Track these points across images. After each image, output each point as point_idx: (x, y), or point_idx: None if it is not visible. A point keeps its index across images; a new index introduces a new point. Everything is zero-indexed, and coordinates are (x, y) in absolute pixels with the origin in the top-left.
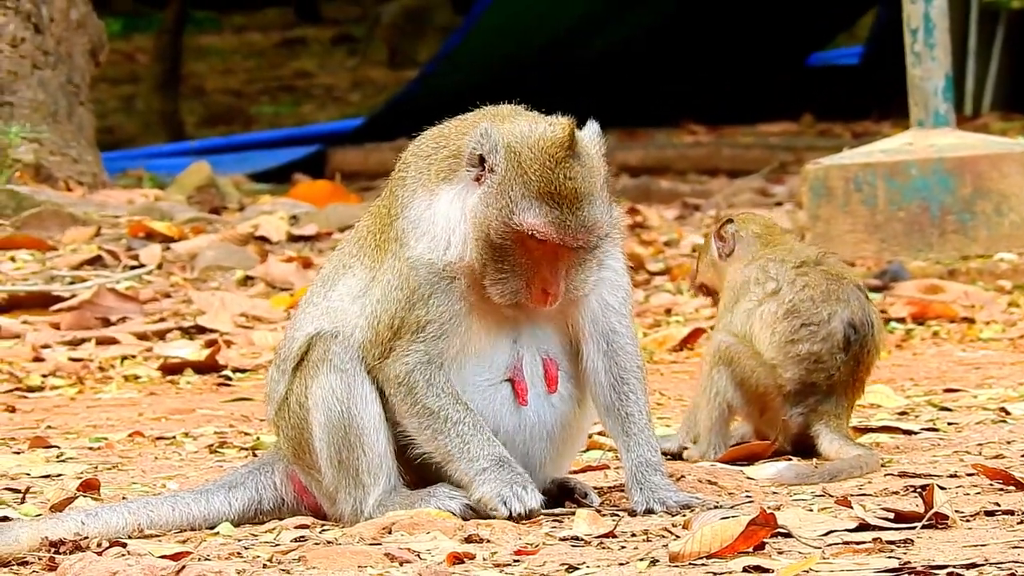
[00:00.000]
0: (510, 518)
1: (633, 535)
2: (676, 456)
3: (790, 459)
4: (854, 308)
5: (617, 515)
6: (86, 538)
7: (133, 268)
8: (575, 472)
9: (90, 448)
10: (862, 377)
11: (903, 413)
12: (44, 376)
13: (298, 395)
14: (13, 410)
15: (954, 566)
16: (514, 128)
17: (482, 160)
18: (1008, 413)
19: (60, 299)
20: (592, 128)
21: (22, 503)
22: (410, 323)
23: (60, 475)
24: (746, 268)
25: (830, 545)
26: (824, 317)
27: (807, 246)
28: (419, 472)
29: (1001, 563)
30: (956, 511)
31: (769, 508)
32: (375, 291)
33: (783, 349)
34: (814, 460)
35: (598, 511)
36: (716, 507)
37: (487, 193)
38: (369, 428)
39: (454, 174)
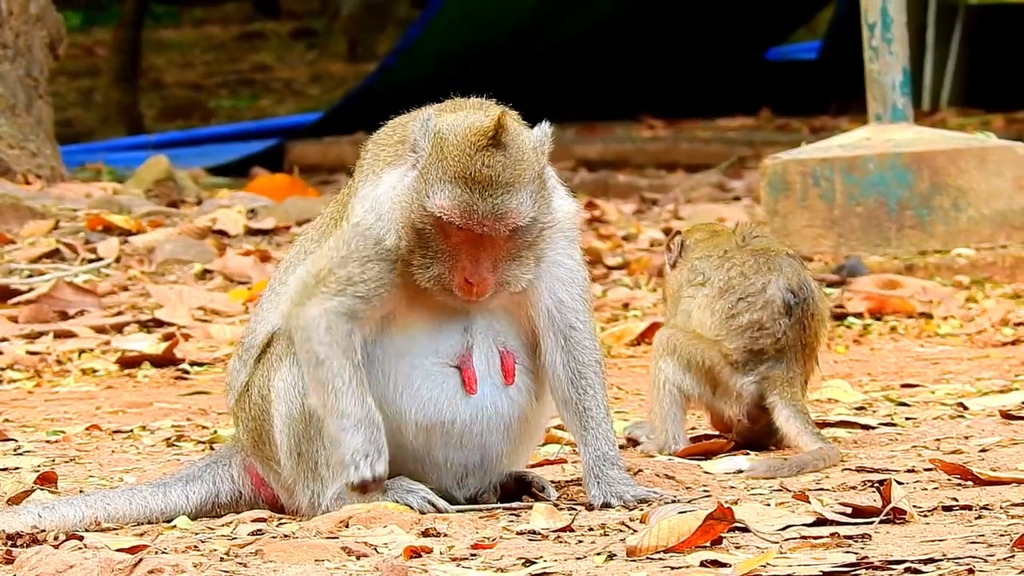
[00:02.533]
0: (351, 487)
1: (590, 529)
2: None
3: (747, 453)
4: (788, 275)
5: (574, 509)
6: (43, 531)
7: (91, 261)
8: (533, 466)
9: (47, 441)
10: (811, 343)
11: (861, 408)
12: (1, 369)
13: (260, 386)
14: None
15: (911, 561)
16: (454, 117)
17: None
18: (966, 408)
19: (18, 292)
20: (542, 127)
21: None
22: (338, 276)
23: (17, 468)
24: (678, 273)
25: (787, 540)
26: (759, 287)
27: (737, 236)
28: None
29: (959, 558)
30: (914, 506)
31: (726, 502)
32: (317, 252)
33: (725, 324)
34: (773, 451)
35: (555, 505)
36: (673, 501)
37: (414, 177)
38: None
39: (399, 159)
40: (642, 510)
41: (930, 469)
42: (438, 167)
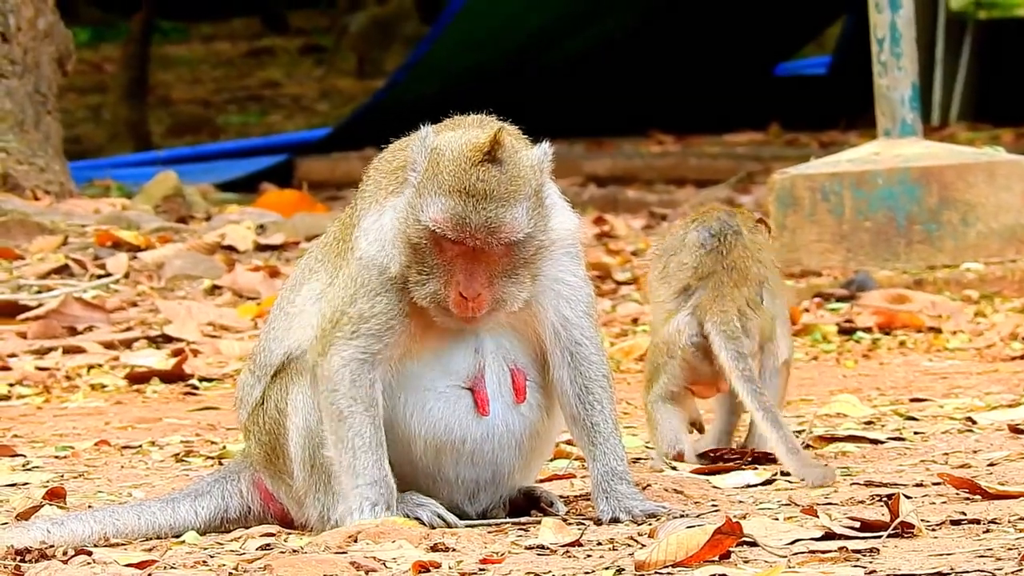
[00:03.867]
0: None
1: (599, 544)
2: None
3: (756, 468)
4: (710, 221)
5: (583, 524)
6: (52, 546)
7: (100, 277)
8: (542, 481)
9: (56, 457)
10: (738, 267)
11: (869, 422)
12: (10, 385)
13: (277, 400)
14: None
15: (920, 575)
16: (452, 134)
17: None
18: (974, 423)
19: (27, 308)
20: (542, 145)
21: None
22: (351, 316)
23: (26, 484)
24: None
25: (796, 554)
26: (680, 238)
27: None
28: None
29: (967, 572)
30: (922, 520)
31: (735, 517)
32: (329, 292)
33: (663, 286)
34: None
35: (564, 520)
36: (682, 516)
37: (410, 193)
38: None
39: (401, 186)
40: (651, 525)
41: (938, 483)
42: (433, 182)
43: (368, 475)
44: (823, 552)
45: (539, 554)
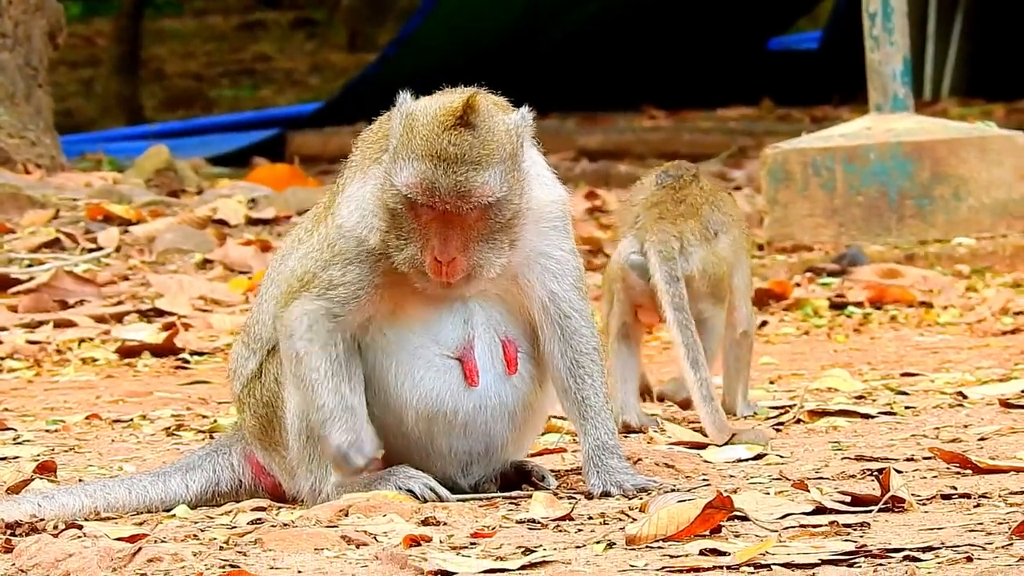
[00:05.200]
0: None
1: (590, 518)
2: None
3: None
4: (669, 166)
5: (574, 498)
6: (42, 520)
7: (91, 251)
8: (533, 455)
9: (47, 430)
10: (687, 201)
11: (860, 397)
12: (1, 358)
13: (275, 372)
14: None
15: (910, 549)
16: (428, 100)
17: None
18: (965, 397)
19: (18, 282)
20: (521, 111)
21: None
22: (321, 279)
23: (17, 457)
24: None
25: (786, 528)
26: (641, 181)
27: None
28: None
29: (957, 546)
30: (912, 494)
31: (726, 491)
32: (302, 249)
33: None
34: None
35: (555, 494)
36: (673, 490)
37: (387, 159)
38: None
39: (384, 154)
40: (641, 499)
41: (929, 458)
42: (407, 147)
43: (327, 405)
44: (814, 526)
45: (530, 528)
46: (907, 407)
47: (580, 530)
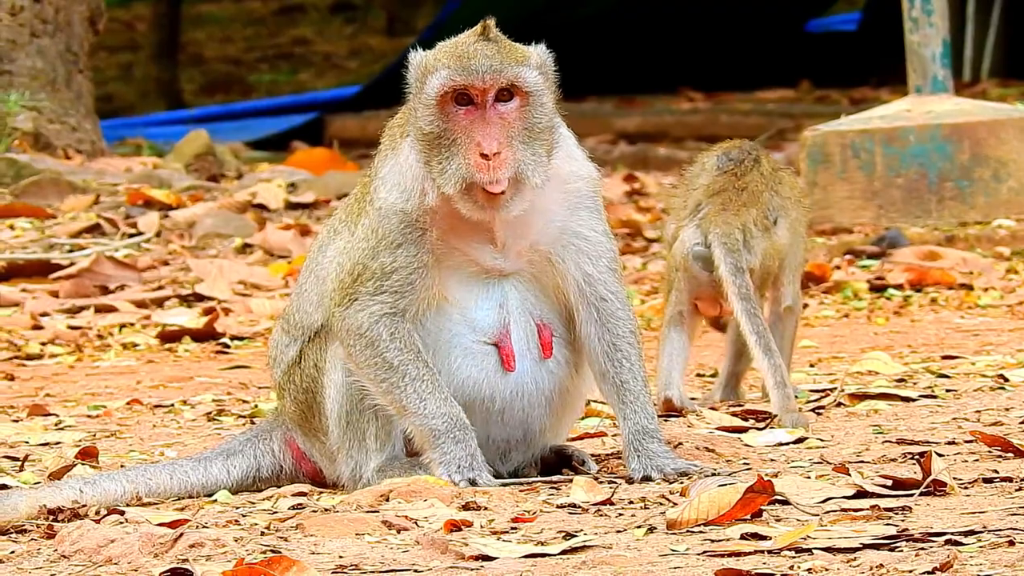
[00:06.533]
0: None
1: (630, 502)
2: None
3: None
4: (732, 149)
5: (615, 482)
6: (84, 506)
7: (131, 236)
8: (573, 439)
9: (88, 416)
10: (748, 189)
11: (901, 380)
12: (43, 344)
13: (316, 358)
14: (12, 378)
15: (952, 533)
16: (442, 43)
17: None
18: (1006, 380)
19: (59, 267)
20: (540, 47)
21: (20, 471)
22: (373, 270)
23: (58, 443)
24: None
25: (827, 512)
26: (701, 163)
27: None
28: None
29: (999, 530)
30: (954, 478)
31: (767, 475)
32: (349, 244)
33: (683, 211)
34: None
35: (596, 478)
36: (714, 474)
37: (411, 102)
38: None
39: (409, 126)
40: (682, 483)
41: (970, 441)
42: (432, 70)
43: (443, 416)
44: (855, 510)
45: (571, 513)
46: (948, 390)
47: (621, 514)
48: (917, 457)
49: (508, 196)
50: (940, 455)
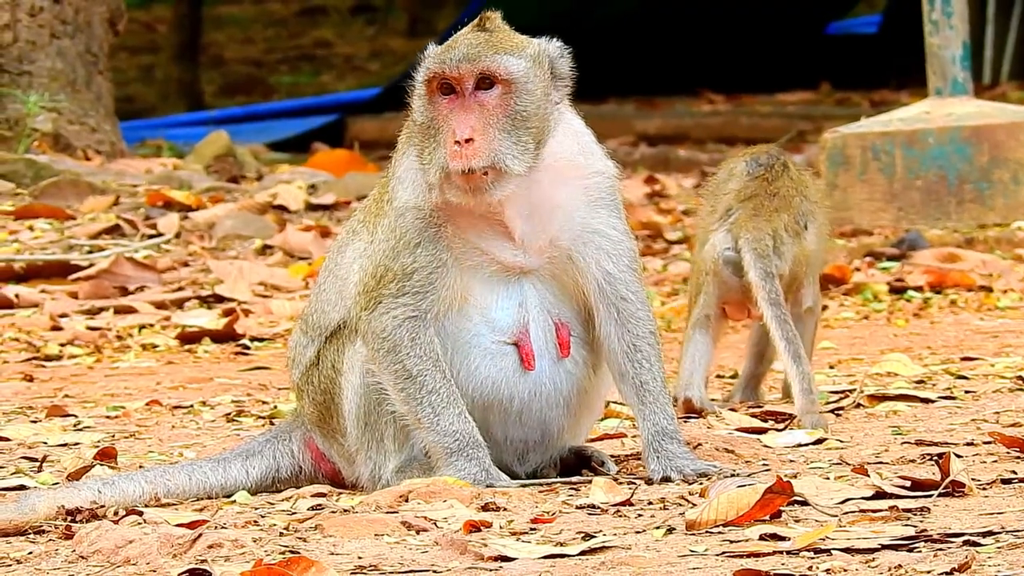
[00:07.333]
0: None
1: (650, 503)
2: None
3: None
4: (756, 152)
5: (634, 483)
6: (103, 507)
7: (151, 237)
8: (592, 440)
9: (107, 417)
10: (779, 194)
11: (920, 381)
12: (62, 345)
13: (333, 359)
14: (31, 379)
15: (970, 534)
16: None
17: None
18: None
19: (78, 268)
20: (550, 41)
21: (39, 472)
22: (395, 271)
23: (77, 444)
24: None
25: (846, 513)
26: (729, 168)
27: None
28: None
29: (1018, 531)
30: (973, 479)
31: (786, 476)
32: (370, 246)
33: (711, 215)
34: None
35: (615, 479)
36: (733, 475)
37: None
38: None
39: None
40: (701, 484)
41: (989, 442)
42: (422, 63)
43: (456, 432)
44: (874, 511)
45: (590, 513)
46: (967, 391)
47: (640, 515)
48: (936, 458)
49: (489, 180)
50: (959, 456)
